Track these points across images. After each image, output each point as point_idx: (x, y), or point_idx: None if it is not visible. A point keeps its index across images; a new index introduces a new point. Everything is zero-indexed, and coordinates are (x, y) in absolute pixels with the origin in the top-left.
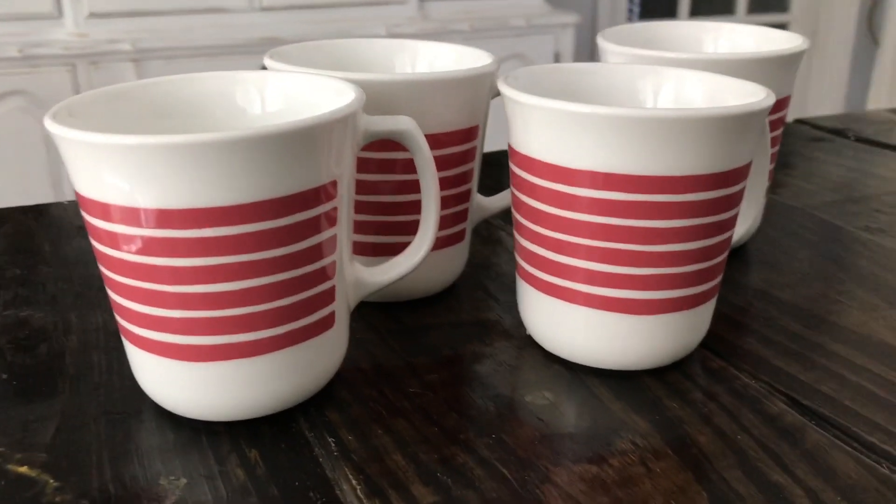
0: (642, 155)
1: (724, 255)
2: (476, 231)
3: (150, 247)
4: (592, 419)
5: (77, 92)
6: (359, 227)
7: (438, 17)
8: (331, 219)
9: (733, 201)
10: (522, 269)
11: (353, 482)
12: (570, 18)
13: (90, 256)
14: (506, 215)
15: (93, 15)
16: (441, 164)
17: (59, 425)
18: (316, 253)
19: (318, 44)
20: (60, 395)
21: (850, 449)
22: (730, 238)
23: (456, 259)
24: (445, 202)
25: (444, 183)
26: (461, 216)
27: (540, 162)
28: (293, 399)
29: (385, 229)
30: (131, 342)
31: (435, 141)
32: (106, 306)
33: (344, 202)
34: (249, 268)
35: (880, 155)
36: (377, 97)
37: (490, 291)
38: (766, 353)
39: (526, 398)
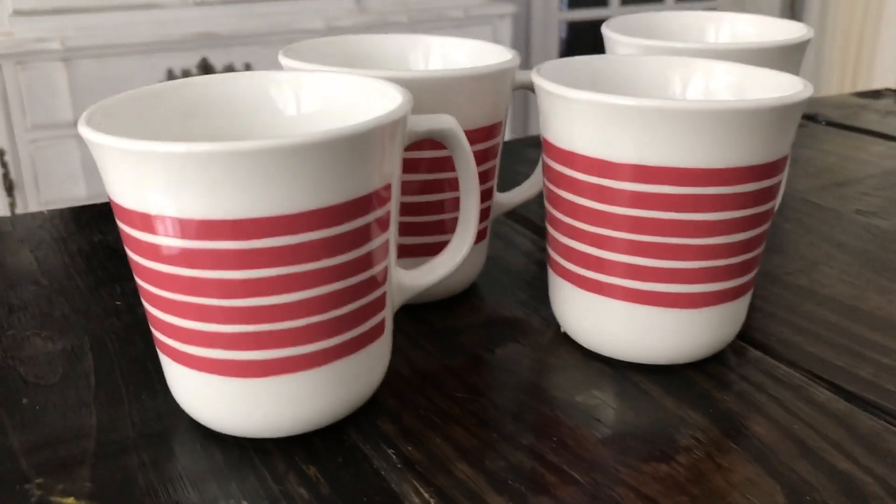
0: (685, 147)
1: (763, 247)
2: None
3: (196, 259)
4: (649, 417)
5: (5, 95)
6: None
7: (376, 9)
8: (383, 224)
9: (772, 193)
10: (558, 265)
11: (425, 494)
12: (508, 9)
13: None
14: (515, 211)
15: (17, 13)
16: None
17: (95, 451)
18: (370, 260)
19: (331, 40)
20: (88, 418)
21: None
22: (767, 229)
23: (478, 257)
24: None
25: None
26: (484, 214)
27: (580, 156)
28: (345, 411)
29: (408, 230)
30: (172, 358)
31: None
32: (119, 324)
33: (393, 205)
34: (304, 279)
35: (853, 139)
36: None
37: (510, 289)
38: (797, 341)
39: (577, 398)
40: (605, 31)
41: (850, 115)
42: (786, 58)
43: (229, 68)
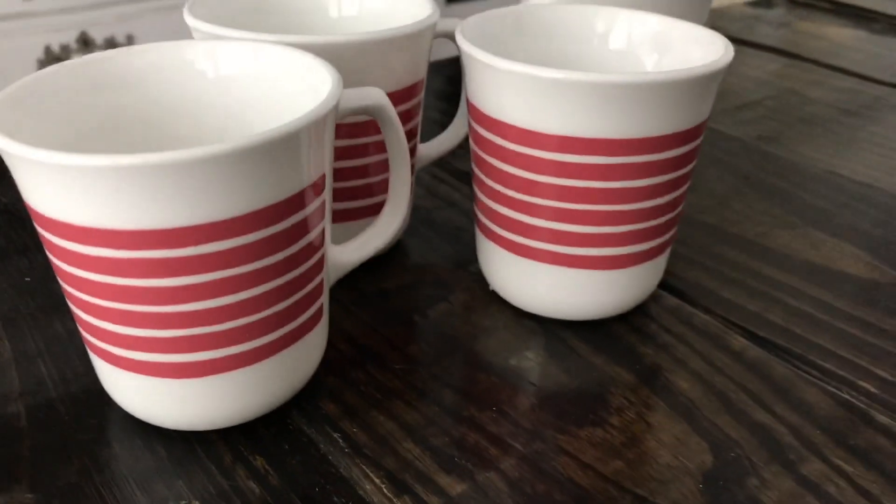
0: (610, 119)
1: (682, 207)
2: None
3: (124, 268)
4: (581, 377)
5: None
6: None
7: None
8: (320, 214)
9: (694, 155)
10: (485, 226)
11: (376, 480)
12: None
13: None
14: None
15: None
16: None
17: (33, 460)
18: (308, 253)
19: None
20: (17, 419)
21: (813, 379)
22: (686, 191)
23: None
24: None
25: None
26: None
27: (507, 125)
28: (287, 396)
29: (335, 196)
30: (104, 360)
31: None
32: (33, 304)
33: (328, 191)
34: (239, 281)
35: (751, 56)
36: None
37: (436, 243)
38: (712, 285)
39: (511, 361)
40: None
41: (746, 29)
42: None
43: (110, 42)
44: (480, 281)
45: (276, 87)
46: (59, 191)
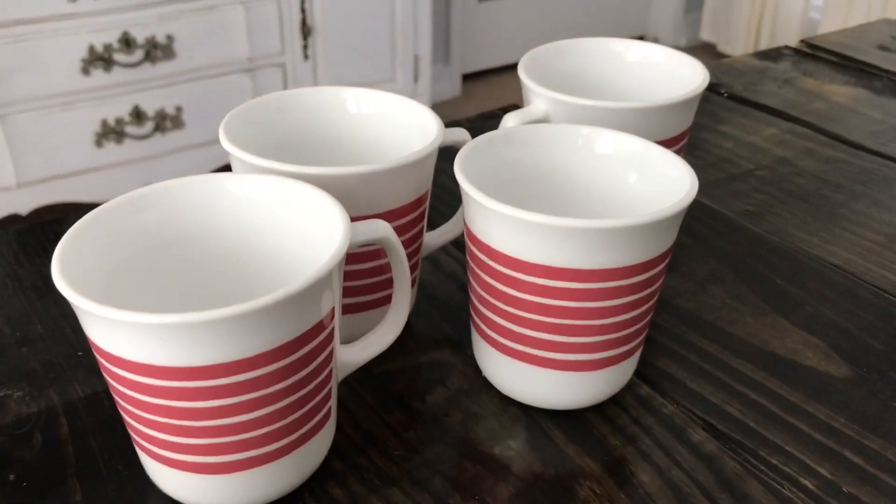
0: (586, 254)
1: (651, 315)
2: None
3: (163, 393)
4: (554, 467)
5: None
6: None
7: None
8: (330, 337)
9: (661, 274)
10: (477, 325)
11: None
12: None
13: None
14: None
15: None
16: (399, 230)
17: None
18: (320, 369)
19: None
20: (73, 493)
21: (759, 474)
22: (656, 301)
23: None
24: None
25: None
26: (413, 267)
27: (496, 251)
28: (300, 483)
29: (345, 293)
30: (146, 454)
31: (391, 215)
32: (83, 377)
33: (338, 311)
34: (260, 401)
35: (751, 117)
36: (334, 190)
37: (437, 323)
38: (682, 375)
39: (495, 450)
40: (523, 77)
41: (750, 85)
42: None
43: (151, 41)
44: (474, 366)
45: (294, 217)
46: (112, 332)
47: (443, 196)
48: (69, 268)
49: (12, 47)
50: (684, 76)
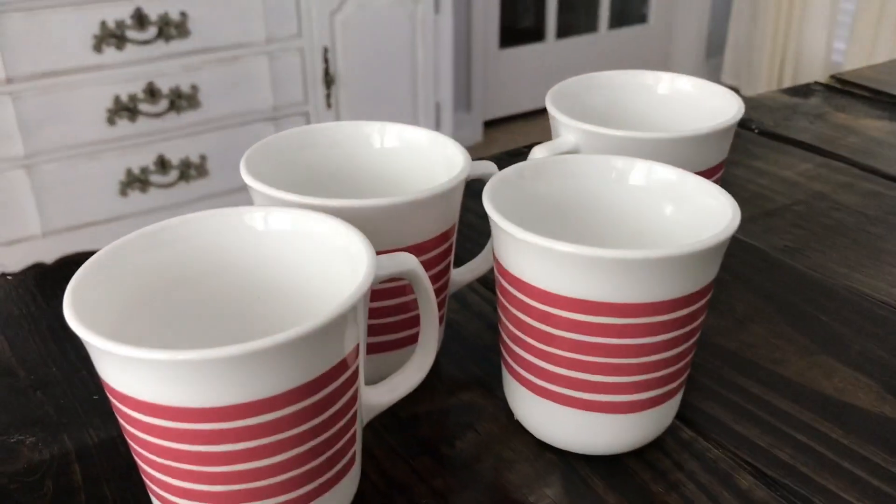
0: (619, 286)
1: (693, 354)
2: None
3: (176, 435)
4: None
5: None
6: None
7: None
8: (354, 376)
9: (701, 312)
10: (509, 364)
11: None
12: None
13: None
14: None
15: None
16: (425, 265)
17: None
18: (346, 409)
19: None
20: None
21: None
22: (696, 340)
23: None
24: None
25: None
26: (440, 304)
27: (527, 284)
28: None
29: (371, 331)
30: (161, 502)
31: (417, 249)
32: (98, 422)
33: (363, 349)
34: (280, 445)
35: (784, 153)
36: (358, 223)
37: (465, 364)
38: (725, 418)
39: (529, 498)
40: (551, 109)
41: (782, 121)
42: (714, 143)
43: (175, 91)
44: (506, 408)
45: (316, 251)
46: (124, 370)
47: (469, 234)
48: (81, 304)
49: (40, 99)
50: (716, 108)
